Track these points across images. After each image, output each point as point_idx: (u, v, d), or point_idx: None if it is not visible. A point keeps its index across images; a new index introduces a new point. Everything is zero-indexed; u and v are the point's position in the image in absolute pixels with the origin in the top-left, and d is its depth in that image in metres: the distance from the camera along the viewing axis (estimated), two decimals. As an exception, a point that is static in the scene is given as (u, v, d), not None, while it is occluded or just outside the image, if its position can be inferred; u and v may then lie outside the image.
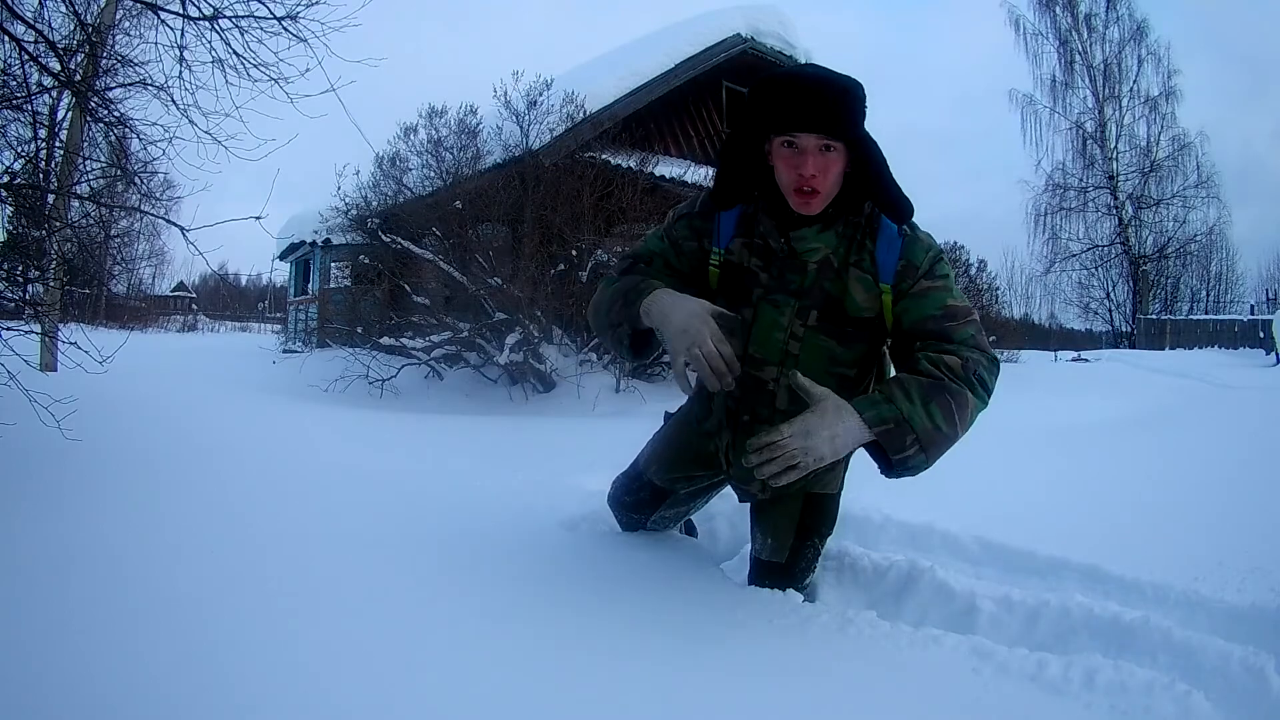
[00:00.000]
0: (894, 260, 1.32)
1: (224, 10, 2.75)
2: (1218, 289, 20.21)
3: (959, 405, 1.21)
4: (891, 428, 1.18)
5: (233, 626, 1.17)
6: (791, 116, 1.22)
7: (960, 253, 10.12)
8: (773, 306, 1.36)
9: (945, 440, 1.22)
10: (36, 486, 1.74)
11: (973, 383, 1.24)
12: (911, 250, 1.32)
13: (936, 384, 1.21)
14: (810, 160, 1.23)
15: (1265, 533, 1.93)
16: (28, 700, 0.95)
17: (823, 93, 1.21)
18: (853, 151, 1.27)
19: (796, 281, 1.35)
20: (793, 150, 1.25)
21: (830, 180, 1.26)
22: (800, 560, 1.54)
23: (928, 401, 1.19)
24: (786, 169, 1.26)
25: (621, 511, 1.74)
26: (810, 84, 1.22)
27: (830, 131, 1.22)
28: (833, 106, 1.21)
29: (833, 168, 1.25)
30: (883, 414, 1.19)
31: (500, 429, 3.91)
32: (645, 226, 5.85)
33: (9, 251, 2.47)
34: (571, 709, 1.05)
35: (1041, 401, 4.79)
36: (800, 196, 1.26)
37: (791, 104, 1.22)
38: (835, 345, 1.36)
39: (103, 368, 2.08)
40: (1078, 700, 1.14)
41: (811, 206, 1.28)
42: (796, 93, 1.22)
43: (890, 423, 1.18)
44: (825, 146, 1.23)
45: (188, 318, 23.14)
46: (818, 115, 1.21)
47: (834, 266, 1.34)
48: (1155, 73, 18.54)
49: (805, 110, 1.21)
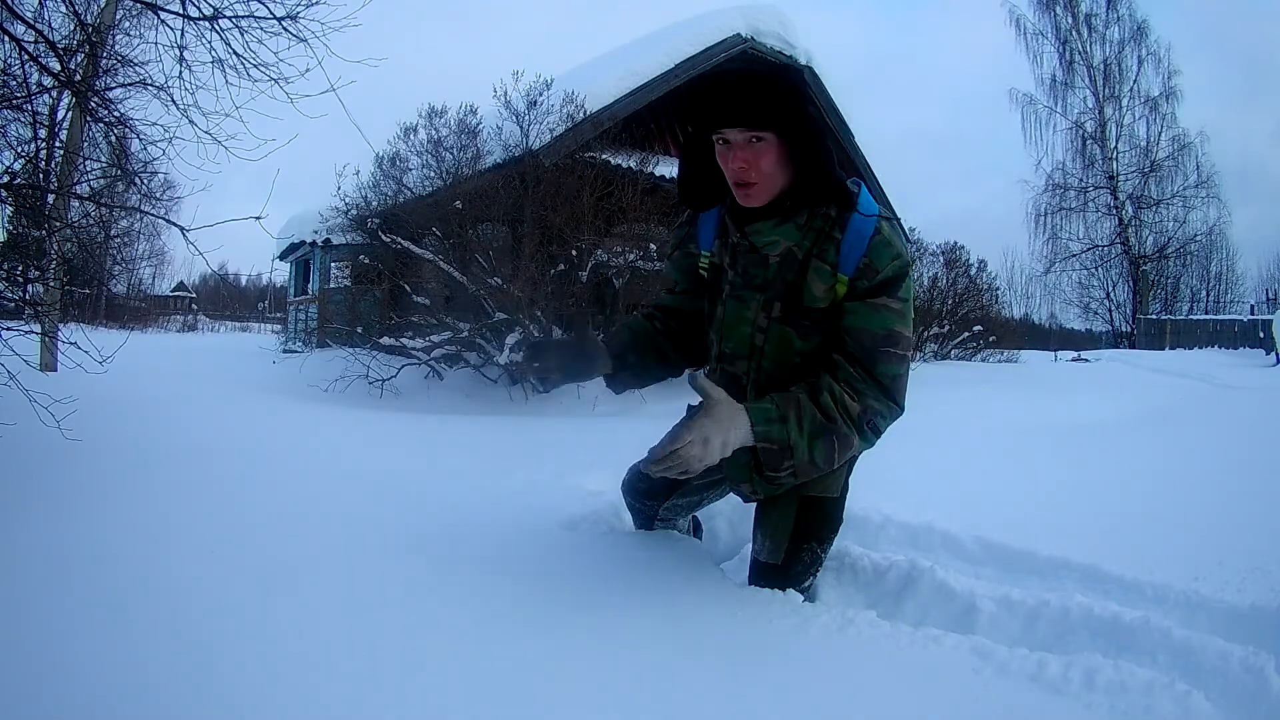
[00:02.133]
0: (858, 255, 1.30)
1: (224, 10, 2.75)
2: (1218, 289, 20.25)
3: (842, 447, 1.29)
4: (774, 449, 1.26)
5: (232, 626, 1.17)
6: (715, 113, 1.26)
7: (960, 253, 10.10)
8: (738, 301, 1.41)
9: (817, 472, 1.32)
10: (36, 486, 1.74)
11: (864, 430, 1.30)
12: (878, 252, 1.29)
13: (830, 425, 1.27)
14: (736, 153, 1.26)
15: (1265, 533, 1.92)
16: (28, 700, 0.95)
17: (741, 86, 1.24)
18: (789, 141, 1.27)
19: (760, 276, 1.38)
20: (725, 146, 1.28)
21: (764, 171, 1.27)
22: (796, 563, 1.53)
23: (815, 439, 1.27)
24: (724, 164, 1.30)
25: (635, 497, 1.74)
26: (728, 80, 1.26)
27: (751, 123, 1.24)
28: (751, 98, 1.23)
29: (762, 158, 1.26)
30: (771, 433, 1.26)
31: (500, 429, 3.91)
32: (645, 227, 5.85)
33: (9, 251, 2.47)
34: (571, 709, 1.05)
35: (1041, 401, 4.80)
36: (739, 189, 1.29)
37: (713, 101, 1.26)
38: (796, 337, 1.38)
39: (103, 368, 2.08)
40: (1078, 700, 1.14)
41: (751, 198, 1.30)
42: (716, 90, 1.26)
43: (775, 444, 1.26)
44: (754, 139, 1.25)
45: (188, 318, 23.16)
46: (736, 109, 1.24)
47: (797, 259, 1.35)
48: (1155, 73, 18.61)
49: (725, 105, 1.25)
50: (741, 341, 1.41)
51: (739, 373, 1.44)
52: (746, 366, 1.42)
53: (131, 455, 2.13)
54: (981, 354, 9.66)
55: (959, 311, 9.51)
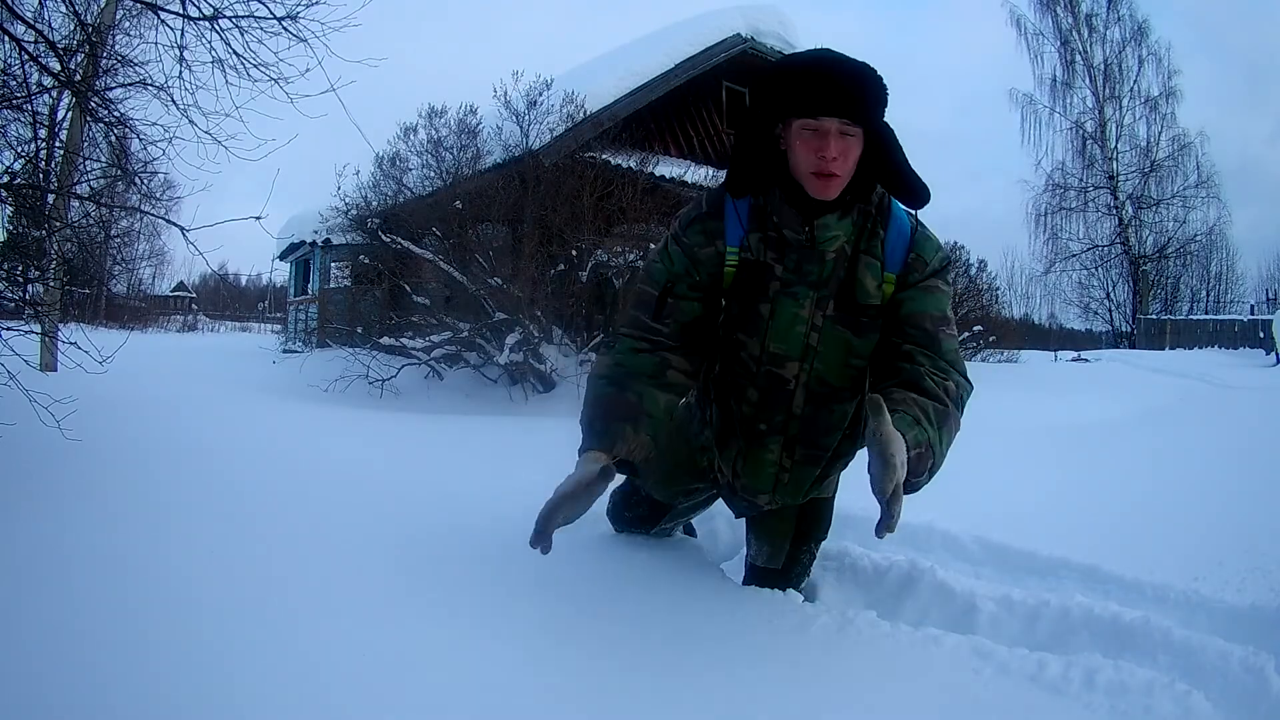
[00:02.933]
0: (903, 250, 1.31)
1: (224, 10, 2.75)
2: (1218, 289, 20.22)
3: (954, 429, 1.23)
4: (923, 451, 1.14)
5: (233, 626, 1.17)
6: (815, 99, 1.20)
7: (960, 253, 10.13)
8: (792, 299, 1.32)
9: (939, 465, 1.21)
10: (36, 486, 1.74)
11: (961, 409, 1.26)
12: (923, 245, 1.32)
13: (946, 412, 1.21)
14: (832, 143, 1.20)
15: (1265, 533, 1.92)
16: (28, 700, 0.95)
17: (846, 77, 1.20)
18: (869, 138, 1.25)
19: (815, 272, 1.31)
20: (813, 134, 1.22)
21: (849, 164, 1.24)
22: (795, 566, 1.54)
23: (942, 429, 1.18)
24: (806, 152, 1.22)
25: (622, 525, 1.74)
26: (833, 67, 1.21)
27: (853, 116, 1.20)
28: (856, 91, 1.20)
29: (852, 152, 1.23)
30: (919, 438, 1.14)
31: (500, 429, 3.91)
32: (645, 227, 5.84)
33: (9, 251, 2.47)
34: (571, 709, 1.05)
35: (1042, 401, 4.79)
36: (820, 179, 1.23)
37: (815, 87, 1.20)
38: (852, 336, 1.32)
39: (103, 368, 2.08)
40: (1078, 700, 1.14)
41: (830, 190, 1.24)
42: (820, 76, 1.20)
43: (923, 447, 1.14)
44: (845, 131, 1.21)
45: (188, 318, 23.15)
46: (841, 99, 1.19)
47: (848, 254, 1.32)
48: (1156, 73, 18.56)
49: (829, 93, 1.19)
50: (795, 342, 1.33)
51: (788, 375, 1.35)
52: (797, 369, 1.34)
53: (131, 455, 2.12)
54: (981, 354, 9.66)
55: (959, 311, 9.51)
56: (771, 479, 1.42)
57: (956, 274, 9.89)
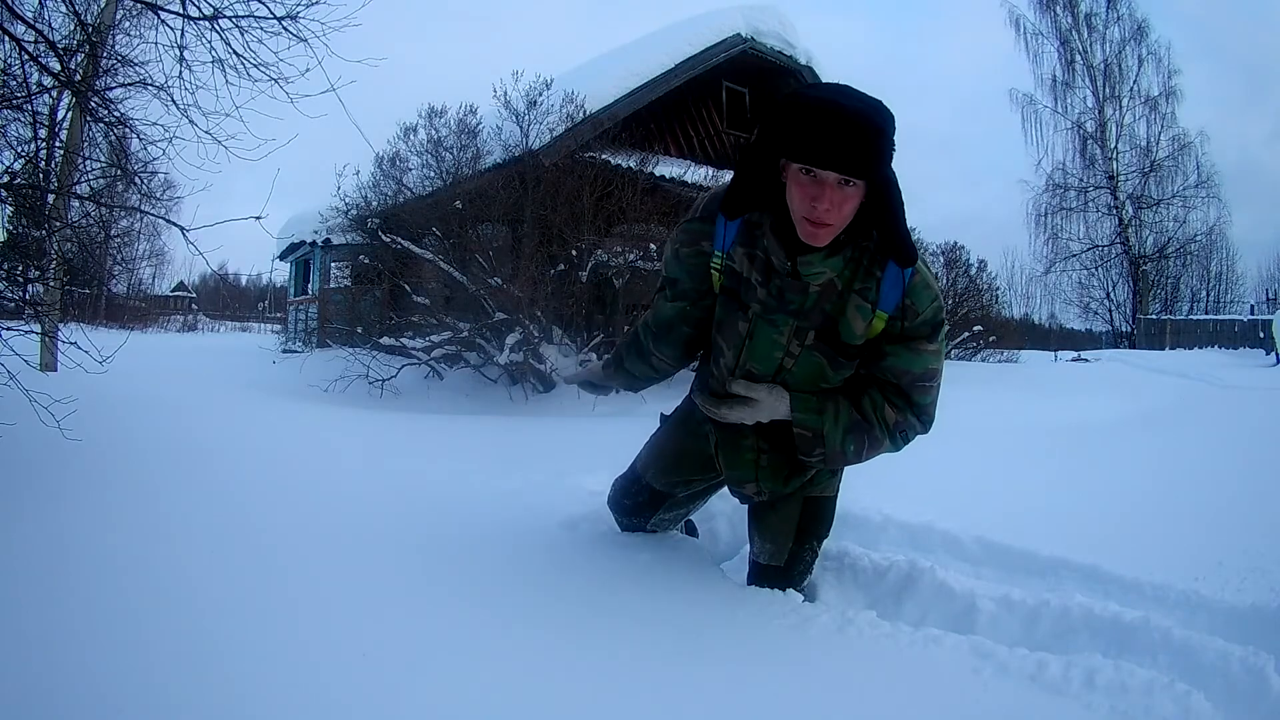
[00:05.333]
0: (898, 295, 1.28)
1: (224, 10, 2.75)
2: (1218, 289, 20.22)
3: (872, 445, 1.37)
4: (808, 435, 1.34)
5: (233, 626, 1.17)
6: (816, 149, 1.13)
7: (961, 253, 10.12)
8: (770, 325, 1.33)
9: (845, 462, 1.40)
10: (36, 486, 1.74)
11: (895, 436, 1.37)
12: (918, 294, 1.28)
13: (865, 425, 1.34)
14: (828, 194, 1.15)
15: (1265, 533, 1.93)
16: (28, 700, 0.95)
17: (853, 130, 1.11)
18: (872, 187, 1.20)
19: (796, 302, 1.30)
20: (810, 180, 1.16)
21: (844, 215, 1.19)
22: (798, 563, 1.54)
23: (848, 433, 1.34)
24: (801, 196, 1.18)
25: (621, 515, 1.75)
26: (841, 117, 1.11)
27: (854, 172, 1.14)
28: (860, 146, 1.12)
29: (849, 203, 1.17)
30: (808, 421, 1.34)
31: (500, 429, 3.91)
32: (645, 227, 5.85)
33: (9, 251, 2.47)
34: (572, 708, 1.05)
35: (1042, 401, 4.79)
36: (810, 226, 1.19)
37: (818, 135, 1.12)
38: (827, 365, 1.34)
39: (103, 368, 2.08)
40: (1078, 700, 1.14)
41: (820, 239, 1.20)
42: (825, 125, 1.12)
43: (808, 430, 1.34)
44: (845, 181, 1.15)
45: (188, 318, 23.12)
46: (843, 154, 1.12)
47: (837, 290, 1.29)
48: (1155, 73, 18.57)
49: (831, 146, 1.12)
50: (769, 364, 1.36)
51: None
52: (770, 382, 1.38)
53: (131, 455, 2.12)
54: (981, 354, 9.66)
55: (959, 311, 9.50)
56: (751, 466, 1.47)
57: (954, 267, 9.90)
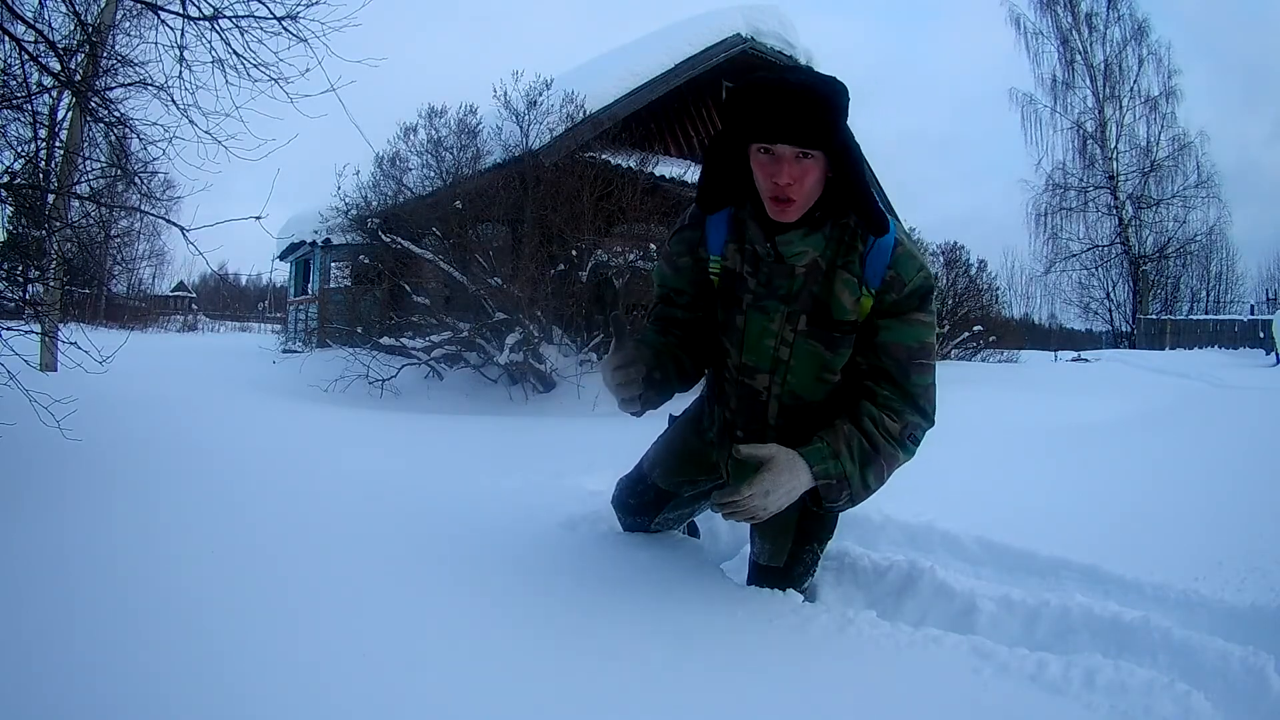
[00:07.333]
0: (882, 267, 1.29)
1: (224, 10, 2.75)
2: (1218, 289, 20.24)
3: (889, 465, 1.33)
4: (833, 483, 1.28)
5: (233, 626, 1.17)
6: (767, 126, 1.19)
7: (960, 253, 10.12)
8: (761, 313, 1.35)
9: (869, 494, 1.34)
10: (36, 486, 1.74)
11: (905, 444, 1.33)
12: (903, 263, 1.29)
13: (875, 449, 1.30)
14: (785, 168, 1.20)
15: (1265, 533, 1.93)
16: (28, 700, 0.95)
17: (799, 102, 1.17)
18: (833, 157, 1.23)
19: (785, 287, 1.33)
20: (769, 158, 1.22)
21: (807, 188, 1.23)
22: (798, 565, 1.54)
23: (865, 466, 1.30)
24: (763, 176, 1.24)
25: (625, 514, 1.75)
26: (786, 92, 1.17)
27: (806, 142, 1.19)
28: (809, 116, 1.17)
29: (809, 175, 1.22)
30: (829, 470, 1.28)
31: (500, 429, 3.91)
32: (645, 227, 5.85)
33: (9, 251, 2.47)
34: (571, 709, 1.05)
35: (1042, 401, 4.79)
36: (776, 204, 1.24)
37: (767, 113, 1.18)
38: (824, 350, 1.34)
39: (103, 368, 2.08)
40: (1078, 700, 1.14)
41: (787, 214, 1.25)
42: (772, 102, 1.18)
43: (833, 479, 1.28)
44: (803, 155, 1.20)
45: (188, 318, 23.13)
46: (793, 125, 1.17)
47: (822, 269, 1.31)
48: (1156, 72, 18.60)
49: (781, 120, 1.17)
50: (764, 355, 1.37)
51: (759, 387, 1.39)
52: (769, 380, 1.38)
53: (131, 455, 2.13)
54: (981, 354, 9.66)
55: (959, 311, 9.51)
56: None
57: (954, 266, 9.89)
